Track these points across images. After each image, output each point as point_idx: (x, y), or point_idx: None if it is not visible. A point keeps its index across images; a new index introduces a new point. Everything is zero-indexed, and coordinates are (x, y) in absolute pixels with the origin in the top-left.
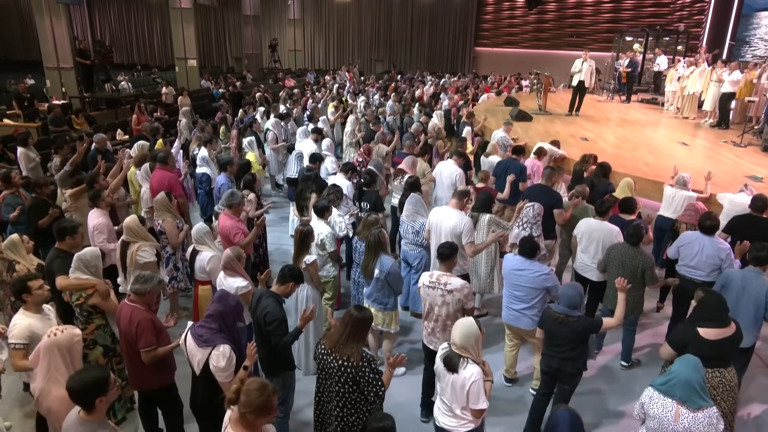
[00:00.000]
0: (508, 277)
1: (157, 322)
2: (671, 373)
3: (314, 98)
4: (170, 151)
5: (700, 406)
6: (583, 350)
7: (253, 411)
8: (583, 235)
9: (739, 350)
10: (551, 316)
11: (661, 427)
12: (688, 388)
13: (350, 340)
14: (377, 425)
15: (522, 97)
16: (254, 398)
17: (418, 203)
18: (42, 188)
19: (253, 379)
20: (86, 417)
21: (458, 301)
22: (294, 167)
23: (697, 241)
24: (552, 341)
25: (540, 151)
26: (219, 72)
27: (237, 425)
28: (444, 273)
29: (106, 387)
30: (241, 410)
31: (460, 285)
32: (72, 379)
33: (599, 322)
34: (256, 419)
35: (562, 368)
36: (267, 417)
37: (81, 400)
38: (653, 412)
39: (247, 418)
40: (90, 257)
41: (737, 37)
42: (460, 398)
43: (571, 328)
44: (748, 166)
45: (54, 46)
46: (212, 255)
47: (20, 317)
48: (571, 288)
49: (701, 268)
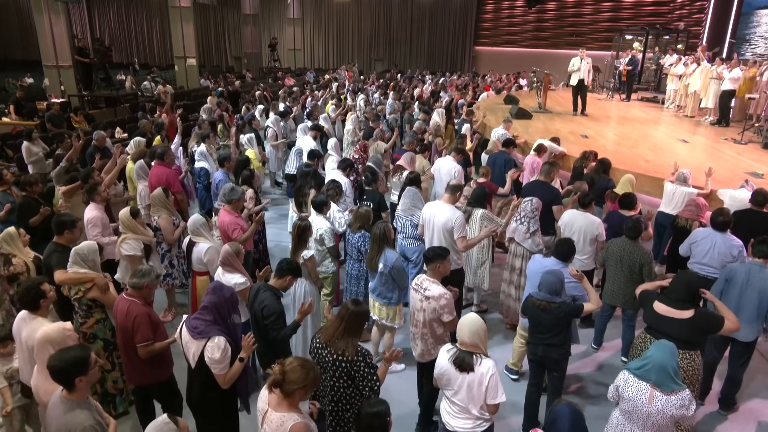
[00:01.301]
0: (535, 277)
1: (154, 316)
2: (647, 358)
3: (314, 97)
4: (168, 147)
5: (673, 389)
6: (567, 336)
7: (305, 386)
8: (566, 226)
9: (740, 344)
10: (533, 303)
11: (635, 408)
12: (663, 372)
13: (345, 335)
14: (371, 410)
15: (521, 95)
16: (302, 375)
17: (415, 197)
18: (32, 186)
19: (293, 358)
20: (67, 396)
21: (434, 310)
22: (293, 164)
23: (708, 237)
24: (536, 328)
25: (540, 148)
26: (218, 71)
27: (281, 406)
28: (428, 278)
29: (86, 367)
30: (291, 388)
31: (438, 294)
32: (52, 358)
33: (580, 306)
34: (306, 393)
35: (547, 355)
36: (312, 389)
37: (61, 379)
38: (628, 395)
39: (295, 396)
40: (87, 251)
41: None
42: (478, 397)
43: (554, 314)
44: (748, 163)
45: (53, 44)
46: (209, 246)
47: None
48: (551, 275)
49: (713, 264)
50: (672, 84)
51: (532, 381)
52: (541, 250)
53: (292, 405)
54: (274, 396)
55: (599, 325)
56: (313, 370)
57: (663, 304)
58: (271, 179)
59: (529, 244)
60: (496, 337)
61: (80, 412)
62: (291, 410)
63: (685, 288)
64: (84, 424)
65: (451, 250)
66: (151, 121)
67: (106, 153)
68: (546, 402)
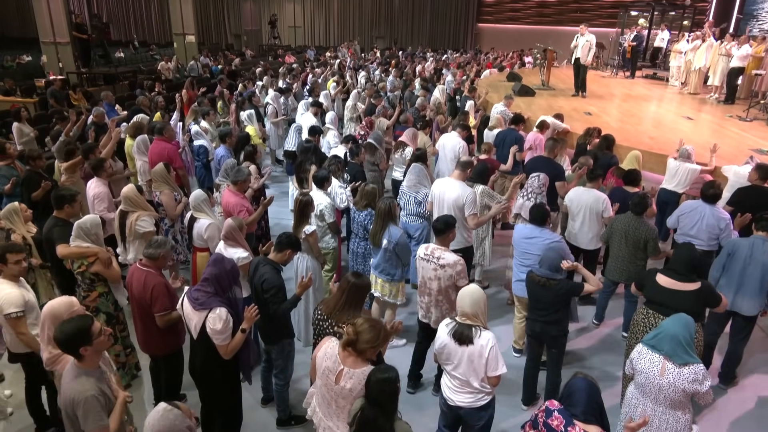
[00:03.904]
0: (518, 246)
1: (170, 286)
2: (660, 328)
3: (314, 74)
4: (168, 123)
5: (686, 362)
6: (565, 313)
7: (376, 345)
8: (572, 203)
9: (741, 318)
10: (533, 279)
11: (647, 381)
12: (675, 342)
13: (347, 307)
14: (381, 376)
15: (525, 72)
16: (374, 335)
17: (420, 173)
18: (36, 161)
19: (363, 319)
20: (77, 364)
21: (450, 277)
22: (293, 140)
23: (697, 209)
24: (535, 305)
25: (542, 125)
26: (218, 49)
27: (358, 363)
28: (439, 247)
29: (89, 336)
30: (363, 347)
31: (453, 261)
32: (56, 329)
33: (580, 285)
34: (376, 351)
35: (545, 331)
36: (382, 346)
37: (67, 349)
38: (640, 367)
39: (367, 353)
40: (90, 225)
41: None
42: (478, 369)
43: (553, 291)
44: (753, 140)
45: (50, 20)
46: (210, 222)
47: (3, 286)
48: (553, 251)
49: (701, 237)
50: (675, 61)
51: (529, 356)
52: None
53: (365, 360)
54: (347, 354)
55: (601, 301)
56: (383, 330)
57: (667, 277)
58: (272, 157)
59: None
60: (505, 316)
61: (86, 380)
62: (365, 364)
63: (689, 260)
64: (86, 393)
65: (461, 227)
66: (149, 98)
67: (105, 129)
68: (546, 377)
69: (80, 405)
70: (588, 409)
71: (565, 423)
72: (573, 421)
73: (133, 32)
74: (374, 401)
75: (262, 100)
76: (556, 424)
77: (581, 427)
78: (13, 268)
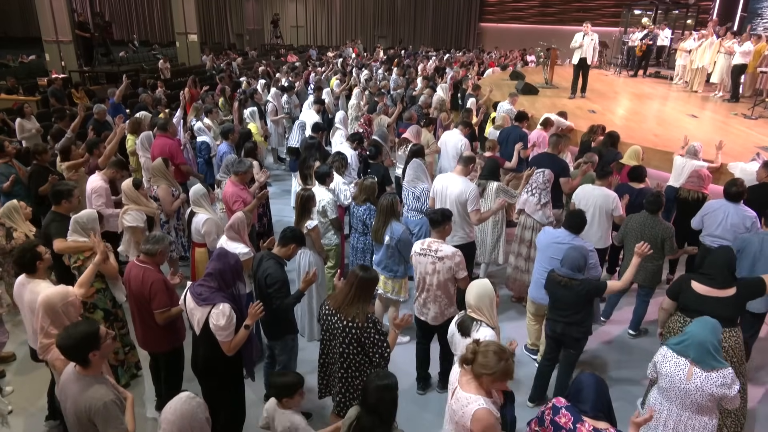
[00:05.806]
0: (546, 250)
1: (169, 282)
2: (686, 334)
3: (317, 72)
4: (170, 119)
5: (714, 367)
6: (588, 314)
7: (492, 374)
8: (580, 201)
9: (750, 315)
10: (554, 279)
11: (673, 385)
12: (702, 349)
13: (355, 301)
14: (380, 383)
15: (528, 71)
16: (492, 361)
17: (419, 168)
18: (42, 155)
19: (492, 341)
20: (82, 372)
21: (449, 269)
22: (296, 137)
23: (721, 208)
24: (556, 305)
25: (546, 122)
26: (220, 48)
27: (468, 386)
28: (435, 240)
29: (97, 341)
30: (479, 371)
31: (452, 252)
32: (61, 336)
33: (603, 285)
34: (493, 383)
35: (567, 332)
36: (504, 382)
37: (73, 356)
38: (665, 371)
39: (483, 381)
40: (87, 219)
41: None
42: None
43: (575, 292)
44: (758, 138)
45: (53, 18)
46: (207, 218)
47: (44, 284)
48: (575, 250)
49: (726, 237)
50: (680, 59)
51: (546, 356)
52: (551, 222)
53: (480, 388)
54: (464, 373)
55: (613, 299)
56: (507, 362)
57: (701, 284)
58: (274, 155)
59: (540, 216)
60: (512, 314)
61: (99, 387)
62: (479, 392)
63: (726, 266)
64: (105, 399)
65: (463, 222)
66: (151, 96)
67: (105, 126)
68: (557, 376)
69: (99, 412)
70: (597, 406)
71: (574, 420)
72: (582, 417)
73: (135, 31)
74: (373, 409)
75: (263, 98)
76: (564, 422)
77: (591, 423)
78: (47, 259)
